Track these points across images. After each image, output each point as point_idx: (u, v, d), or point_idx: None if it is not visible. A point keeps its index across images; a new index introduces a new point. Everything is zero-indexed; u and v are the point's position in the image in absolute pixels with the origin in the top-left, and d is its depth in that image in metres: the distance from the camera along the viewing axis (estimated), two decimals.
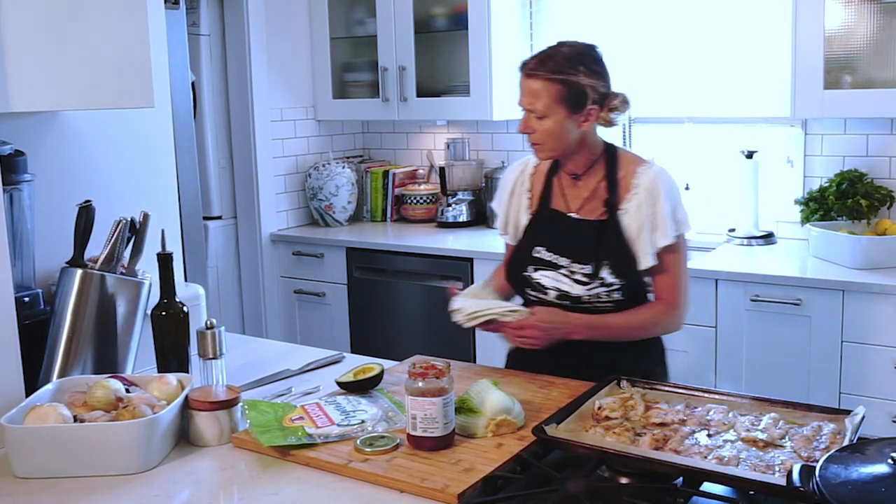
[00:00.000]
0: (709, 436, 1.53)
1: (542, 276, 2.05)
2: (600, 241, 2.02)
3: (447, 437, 1.57)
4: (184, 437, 1.67)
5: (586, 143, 2.04)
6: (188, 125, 3.67)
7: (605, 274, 1.99)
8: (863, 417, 1.52)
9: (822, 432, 1.50)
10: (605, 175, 2.06)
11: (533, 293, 2.09)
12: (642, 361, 2.07)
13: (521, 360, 2.11)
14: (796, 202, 3.40)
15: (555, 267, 2.04)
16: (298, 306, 4.16)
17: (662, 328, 2.10)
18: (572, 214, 2.07)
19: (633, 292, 2.03)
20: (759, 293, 2.99)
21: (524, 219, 2.13)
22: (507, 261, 2.19)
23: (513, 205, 2.16)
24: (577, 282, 2.01)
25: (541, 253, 2.06)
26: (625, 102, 2.04)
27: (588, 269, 2.00)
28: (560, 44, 2.01)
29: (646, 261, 2.01)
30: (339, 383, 1.87)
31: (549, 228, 2.08)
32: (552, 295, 2.04)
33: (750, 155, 3.43)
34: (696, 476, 1.39)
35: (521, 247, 2.12)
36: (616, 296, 2.01)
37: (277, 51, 4.13)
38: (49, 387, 1.69)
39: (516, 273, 2.11)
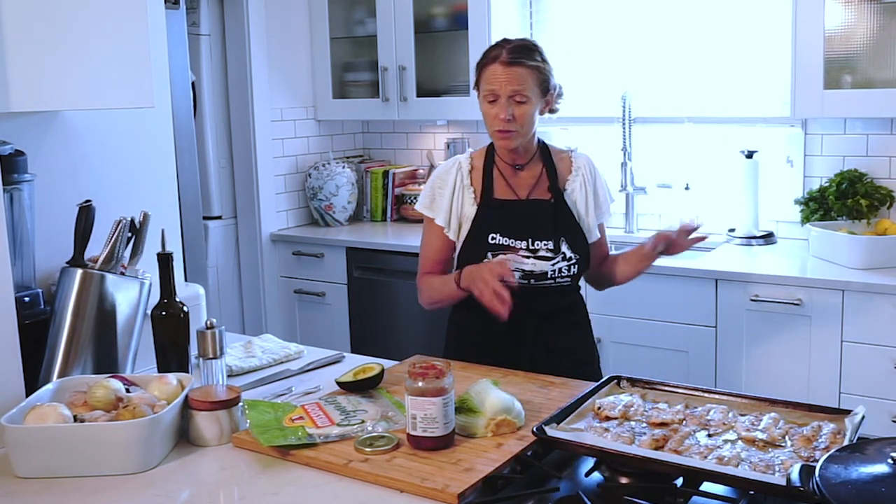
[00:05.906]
0: (709, 436, 1.53)
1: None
2: (555, 219, 2.16)
3: (447, 437, 1.57)
4: (184, 437, 1.67)
5: (533, 132, 2.19)
6: (188, 125, 3.67)
7: (565, 248, 2.14)
8: (863, 417, 1.52)
9: (822, 432, 1.50)
10: (543, 163, 2.23)
11: None
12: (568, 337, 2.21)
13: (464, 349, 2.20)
14: (796, 202, 3.40)
15: (513, 250, 2.12)
16: (298, 306, 4.16)
17: None
18: (524, 198, 2.19)
19: (584, 266, 2.20)
20: (759, 293, 2.99)
21: (470, 212, 2.19)
22: (439, 258, 2.23)
23: (455, 200, 2.20)
24: (540, 258, 2.12)
25: (496, 238, 2.14)
26: (561, 94, 2.22)
27: (550, 244, 2.13)
28: (508, 39, 2.14)
29: (593, 234, 2.24)
30: (339, 383, 1.87)
31: (499, 216, 2.16)
32: (516, 276, 2.07)
33: (750, 155, 3.43)
34: (696, 476, 1.39)
35: (473, 236, 2.17)
36: (574, 270, 2.16)
37: (277, 51, 4.12)
38: (49, 387, 1.69)
39: (472, 262, 2.11)
